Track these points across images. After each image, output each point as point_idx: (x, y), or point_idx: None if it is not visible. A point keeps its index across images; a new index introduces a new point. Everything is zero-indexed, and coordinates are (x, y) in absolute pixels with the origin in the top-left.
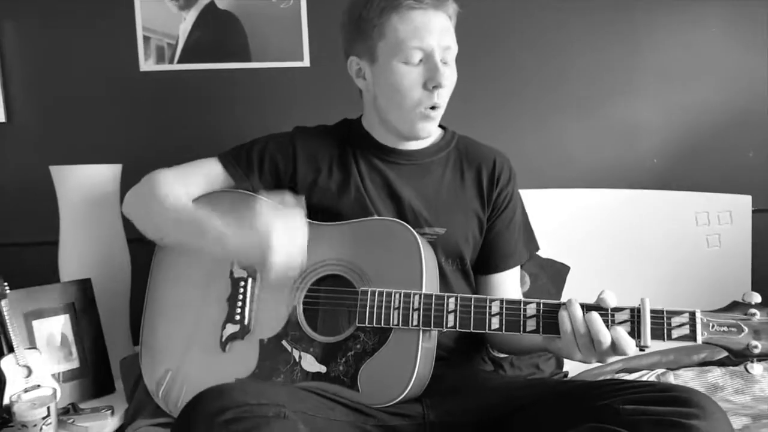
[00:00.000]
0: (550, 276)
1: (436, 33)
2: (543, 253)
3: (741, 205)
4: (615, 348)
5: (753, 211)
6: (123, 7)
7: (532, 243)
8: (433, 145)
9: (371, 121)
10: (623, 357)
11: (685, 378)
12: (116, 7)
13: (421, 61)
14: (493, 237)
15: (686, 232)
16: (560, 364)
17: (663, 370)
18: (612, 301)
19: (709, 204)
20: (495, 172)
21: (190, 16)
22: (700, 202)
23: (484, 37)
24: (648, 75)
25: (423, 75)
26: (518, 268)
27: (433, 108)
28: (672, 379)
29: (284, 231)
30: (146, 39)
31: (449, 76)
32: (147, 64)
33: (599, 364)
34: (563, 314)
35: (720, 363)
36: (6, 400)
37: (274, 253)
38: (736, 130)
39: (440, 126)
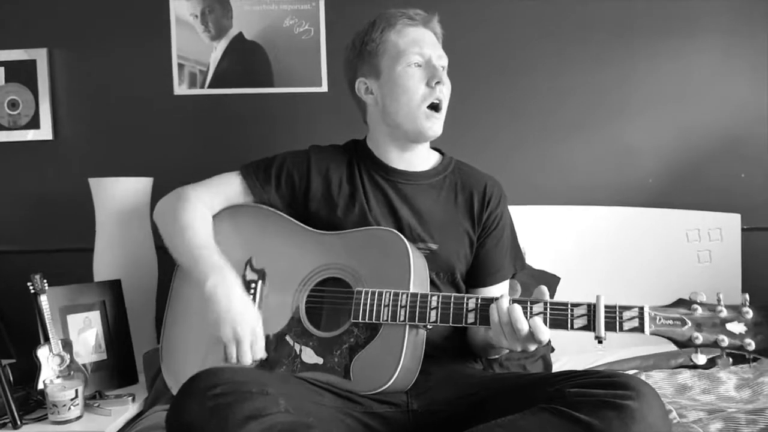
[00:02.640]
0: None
1: (430, 43)
2: (539, 265)
3: (731, 223)
4: (533, 335)
5: (743, 230)
6: (160, 37)
7: (518, 260)
8: (432, 169)
9: (376, 140)
10: (610, 355)
11: (656, 378)
12: (154, 37)
13: (419, 66)
14: (483, 254)
15: (678, 248)
16: (547, 366)
17: (636, 371)
18: (546, 295)
19: (700, 221)
20: (485, 196)
21: (221, 46)
22: (691, 220)
23: (488, 64)
24: (644, 99)
25: (425, 75)
26: (506, 281)
27: (436, 109)
28: (642, 377)
29: (246, 339)
30: (180, 66)
31: (446, 80)
32: (180, 89)
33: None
34: (492, 306)
35: (694, 367)
36: (41, 385)
37: (223, 336)
38: (728, 152)
39: (439, 152)
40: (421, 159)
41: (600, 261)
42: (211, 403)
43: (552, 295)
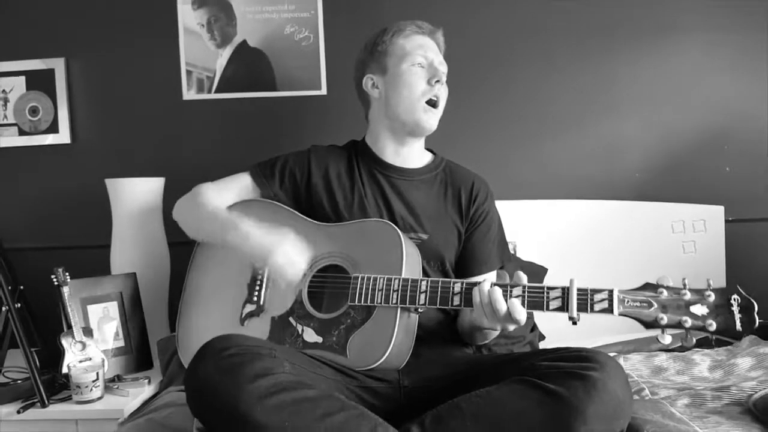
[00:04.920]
0: (529, 276)
1: (433, 50)
2: (530, 257)
3: (714, 214)
4: (511, 315)
5: (727, 221)
6: (169, 45)
7: (505, 254)
8: (424, 167)
9: (375, 136)
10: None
11: (633, 361)
12: (163, 45)
13: (422, 66)
14: (471, 246)
15: (664, 240)
16: None
17: (616, 354)
18: (524, 279)
19: (684, 213)
20: (473, 192)
21: (226, 53)
22: (676, 212)
23: (481, 67)
24: (629, 97)
25: (426, 74)
26: (493, 272)
27: (433, 105)
28: (622, 360)
29: (285, 254)
30: (188, 73)
31: (445, 82)
32: (189, 94)
33: None
34: (475, 289)
35: (670, 350)
36: (65, 369)
37: (273, 263)
38: (712, 146)
39: (432, 152)
40: (415, 157)
41: (589, 253)
42: (225, 362)
43: None
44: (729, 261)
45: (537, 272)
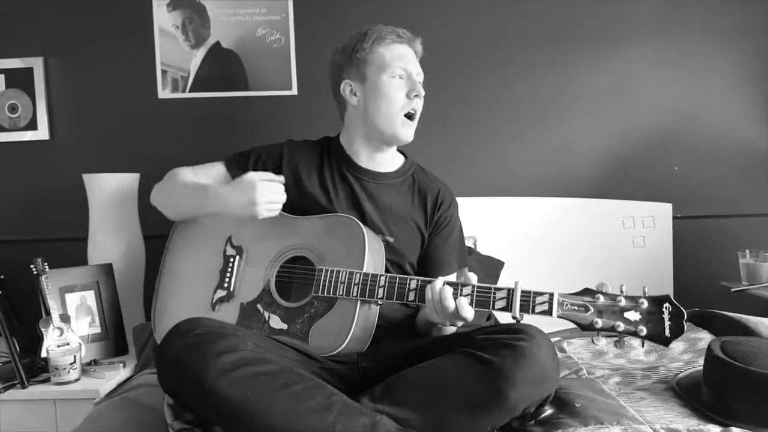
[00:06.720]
0: (486, 270)
1: (412, 60)
2: (491, 251)
3: (662, 211)
4: (458, 312)
5: (675, 218)
6: (145, 46)
7: (463, 259)
8: (395, 172)
9: (350, 138)
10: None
11: (576, 345)
12: (140, 46)
13: (401, 78)
14: (433, 249)
15: (615, 235)
16: None
17: (560, 338)
18: (474, 280)
19: (634, 210)
20: (438, 200)
21: (200, 54)
22: (626, 209)
23: (444, 72)
24: (584, 101)
25: (405, 87)
26: (453, 275)
27: (411, 118)
28: (565, 345)
29: (265, 188)
30: (164, 72)
31: (422, 93)
32: (164, 93)
33: None
34: (428, 287)
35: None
36: (44, 353)
37: (257, 204)
38: (662, 147)
39: (403, 154)
40: (387, 161)
41: (545, 247)
42: (192, 341)
43: (496, 279)
44: (676, 255)
45: (494, 266)
